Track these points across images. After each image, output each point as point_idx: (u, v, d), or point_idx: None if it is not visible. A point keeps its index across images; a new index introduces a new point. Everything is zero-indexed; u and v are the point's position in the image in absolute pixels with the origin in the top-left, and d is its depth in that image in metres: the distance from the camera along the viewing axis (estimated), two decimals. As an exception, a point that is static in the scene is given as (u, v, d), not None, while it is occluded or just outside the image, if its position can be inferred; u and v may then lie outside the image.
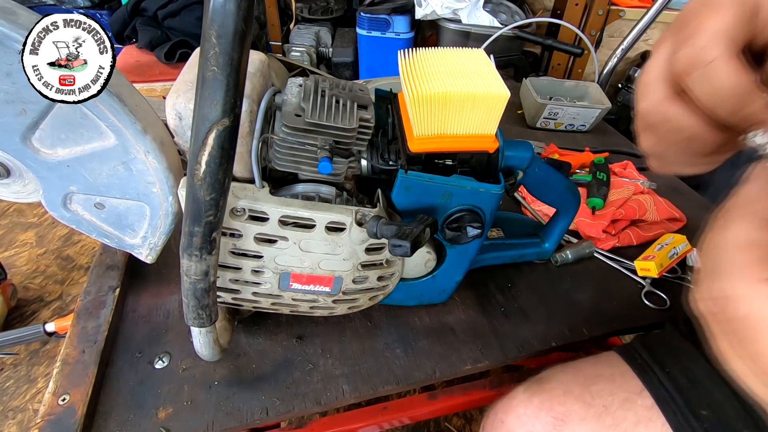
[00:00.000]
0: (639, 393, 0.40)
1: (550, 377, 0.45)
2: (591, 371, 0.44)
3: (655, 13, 1.10)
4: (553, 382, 0.44)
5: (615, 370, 0.43)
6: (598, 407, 0.40)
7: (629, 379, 0.42)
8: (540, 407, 0.42)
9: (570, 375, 0.44)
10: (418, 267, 0.53)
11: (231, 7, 0.27)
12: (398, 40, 1.58)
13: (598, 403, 0.41)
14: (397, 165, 0.46)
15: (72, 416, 0.44)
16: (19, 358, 1.14)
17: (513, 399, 0.45)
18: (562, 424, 0.41)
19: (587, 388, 0.42)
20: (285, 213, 0.41)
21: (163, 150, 0.44)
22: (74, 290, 1.32)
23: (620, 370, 0.43)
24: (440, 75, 0.43)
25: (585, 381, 0.43)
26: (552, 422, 0.41)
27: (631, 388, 0.41)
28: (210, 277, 0.38)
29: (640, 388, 0.41)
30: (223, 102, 0.30)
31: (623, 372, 0.42)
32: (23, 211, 1.58)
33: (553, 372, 0.46)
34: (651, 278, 0.64)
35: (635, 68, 1.57)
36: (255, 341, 0.54)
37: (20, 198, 0.47)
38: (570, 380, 0.43)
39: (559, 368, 0.46)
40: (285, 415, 0.47)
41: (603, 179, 0.77)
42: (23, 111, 0.39)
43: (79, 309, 0.55)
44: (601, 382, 0.42)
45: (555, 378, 0.44)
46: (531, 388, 0.45)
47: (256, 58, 0.43)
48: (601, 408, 0.40)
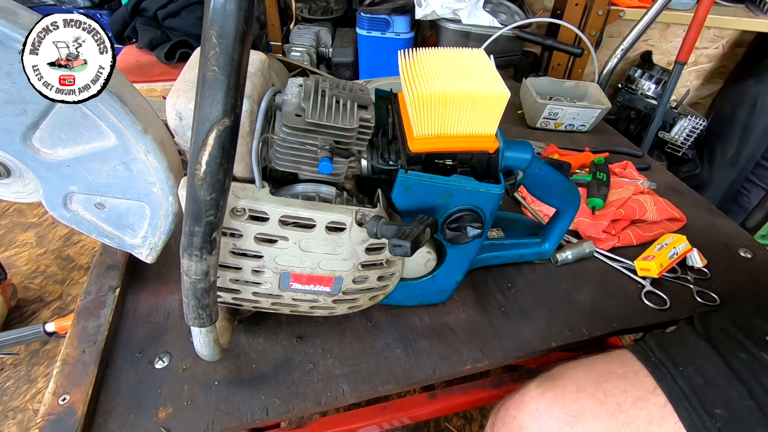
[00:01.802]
0: (652, 391, 0.40)
1: (562, 374, 0.45)
2: (604, 369, 0.44)
3: (655, 14, 1.10)
4: (565, 379, 0.44)
5: (628, 368, 0.43)
6: (611, 405, 0.40)
7: (642, 378, 0.41)
8: (553, 403, 0.42)
9: (583, 372, 0.44)
10: (418, 267, 0.53)
11: (231, 8, 0.27)
12: (398, 40, 1.58)
13: (611, 401, 0.40)
14: (397, 165, 0.46)
15: (72, 416, 0.44)
16: (19, 358, 1.14)
17: (525, 395, 0.45)
18: (575, 420, 0.40)
19: (600, 386, 0.42)
20: (285, 213, 0.41)
21: (164, 150, 0.44)
22: (74, 290, 1.32)
23: (633, 369, 0.43)
24: (440, 75, 0.43)
25: (598, 378, 0.43)
26: (565, 418, 0.41)
27: (644, 387, 0.41)
28: (210, 277, 0.38)
29: (653, 386, 0.40)
30: (223, 102, 0.30)
31: (636, 370, 0.42)
32: (23, 211, 1.58)
33: (565, 369, 0.46)
34: (651, 278, 0.64)
35: (635, 68, 1.57)
36: (255, 341, 0.54)
37: (20, 198, 0.47)
38: (583, 377, 0.43)
39: (571, 365, 0.46)
40: (285, 414, 0.47)
41: (603, 179, 0.77)
42: (23, 111, 0.39)
43: (79, 309, 0.55)
44: (613, 380, 0.42)
45: (567, 375, 0.44)
46: (543, 384, 0.44)
47: (257, 58, 0.43)
48: (614, 406, 0.40)
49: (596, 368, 0.44)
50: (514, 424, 0.44)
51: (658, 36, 1.66)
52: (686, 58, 1.09)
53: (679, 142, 1.50)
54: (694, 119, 1.45)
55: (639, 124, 1.55)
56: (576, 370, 0.45)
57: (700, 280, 0.65)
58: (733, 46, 1.66)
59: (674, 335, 0.45)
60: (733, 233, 0.74)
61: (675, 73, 1.13)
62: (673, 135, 1.49)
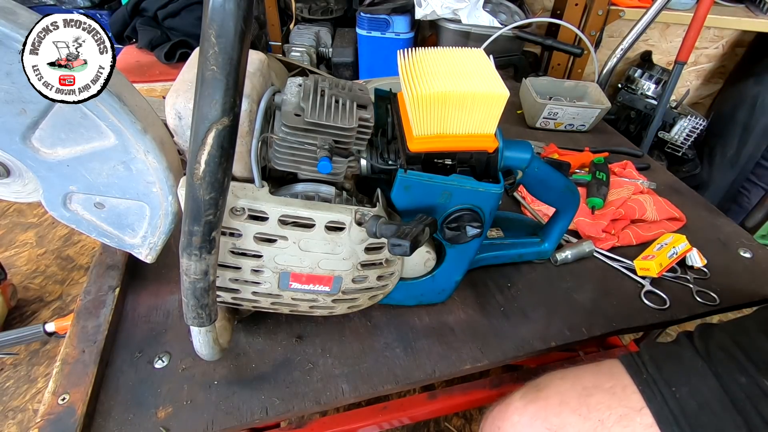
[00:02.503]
0: (639, 410, 0.39)
1: (548, 384, 0.44)
2: (590, 382, 0.42)
3: (655, 13, 1.10)
4: (550, 391, 0.43)
5: (616, 382, 0.41)
6: (594, 421, 0.39)
7: (630, 394, 0.40)
8: (535, 416, 0.42)
9: (568, 384, 0.43)
10: (417, 267, 0.53)
11: (230, 7, 0.27)
12: (398, 40, 1.58)
13: (594, 417, 0.39)
14: (396, 164, 0.46)
15: (72, 416, 0.44)
16: (19, 358, 1.14)
17: (509, 405, 0.44)
18: None
19: (584, 400, 0.41)
20: (284, 212, 0.41)
21: (163, 149, 0.44)
22: (74, 290, 1.32)
23: (622, 383, 0.41)
24: (440, 75, 0.43)
25: (583, 391, 0.42)
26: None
27: (630, 404, 0.39)
28: (209, 277, 0.38)
29: (641, 404, 0.39)
30: (222, 101, 0.30)
31: (625, 386, 0.41)
32: (23, 211, 1.58)
33: (551, 379, 0.45)
34: (650, 278, 0.64)
35: (635, 68, 1.57)
36: (255, 341, 0.54)
37: (20, 198, 0.47)
38: (568, 389, 0.43)
39: (559, 375, 0.45)
40: (285, 414, 0.47)
41: (602, 179, 0.77)
42: (23, 111, 0.39)
43: (79, 309, 0.55)
44: (599, 395, 0.41)
45: (553, 386, 0.44)
46: (528, 395, 0.44)
47: (256, 57, 0.43)
48: (596, 422, 0.39)
49: (583, 380, 0.43)
50: None
51: (658, 36, 1.66)
52: (686, 58, 1.09)
53: (679, 142, 1.50)
54: (694, 119, 1.45)
55: (639, 124, 1.55)
56: (563, 381, 0.44)
57: (700, 280, 0.65)
58: (733, 46, 1.66)
59: (671, 349, 0.43)
60: (732, 233, 0.74)
61: (675, 73, 1.13)
62: (673, 135, 1.49)
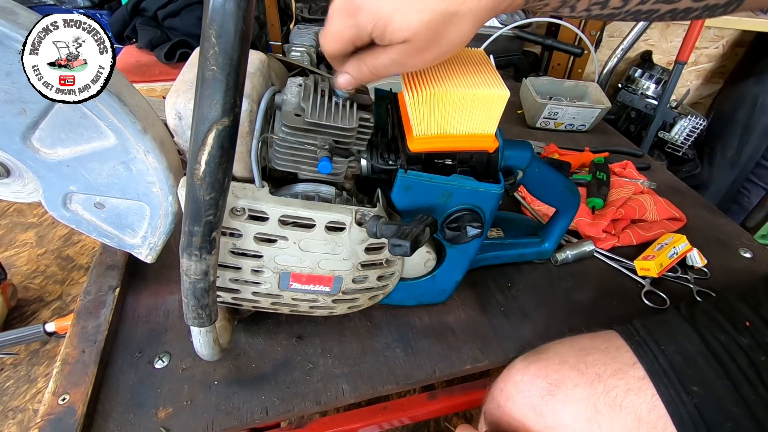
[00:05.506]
0: (632, 365, 0.42)
1: (547, 348, 0.47)
2: (588, 344, 0.46)
3: (655, 13, 1.10)
4: (550, 353, 0.46)
5: (611, 344, 0.45)
6: (591, 375, 0.42)
7: (623, 353, 0.44)
8: (536, 374, 0.44)
9: (567, 347, 0.46)
10: (417, 267, 0.53)
11: (231, 7, 0.27)
12: (398, 40, 1.58)
13: (591, 371, 0.43)
14: (396, 165, 0.46)
15: (72, 416, 0.44)
16: (19, 358, 1.14)
17: (512, 368, 0.47)
18: (556, 389, 0.43)
19: (582, 358, 0.44)
20: (285, 212, 0.41)
21: (163, 150, 0.44)
22: (74, 290, 1.32)
23: (615, 345, 0.45)
24: (440, 75, 0.43)
25: (581, 352, 0.45)
26: (547, 387, 0.43)
27: (624, 360, 0.43)
28: (210, 277, 0.38)
29: (633, 360, 0.43)
30: (222, 101, 0.30)
31: (618, 346, 0.44)
32: (23, 211, 1.58)
33: (550, 344, 0.48)
34: (651, 278, 0.64)
35: (635, 68, 1.57)
36: (255, 341, 0.54)
37: (20, 198, 0.47)
38: (566, 351, 0.46)
39: (557, 341, 0.48)
40: (285, 414, 0.47)
41: (603, 179, 0.77)
42: (23, 111, 0.39)
43: (79, 309, 0.55)
44: (595, 353, 0.44)
45: (552, 349, 0.47)
46: (528, 358, 0.47)
47: (256, 57, 0.43)
48: (593, 375, 0.42)
49: (580, 343, 0.46)
50: (501, 395, 0.46)
51: (658, 36, 1.66)
52: (686, 58, 1.09)
53: (679, 142, 1.50)
54: (694, 119, 1.45)
55: (639, 123, 1.55)
56: (561, 344, 0.47)
57: (700, 280, 0.65)
58: (733, 46, 1.66)
59: (660, 317, 0.47)
60: (733, 233, 0.74)
61: (675, 72, 1.13)
62: (673, 135, 1.49)
